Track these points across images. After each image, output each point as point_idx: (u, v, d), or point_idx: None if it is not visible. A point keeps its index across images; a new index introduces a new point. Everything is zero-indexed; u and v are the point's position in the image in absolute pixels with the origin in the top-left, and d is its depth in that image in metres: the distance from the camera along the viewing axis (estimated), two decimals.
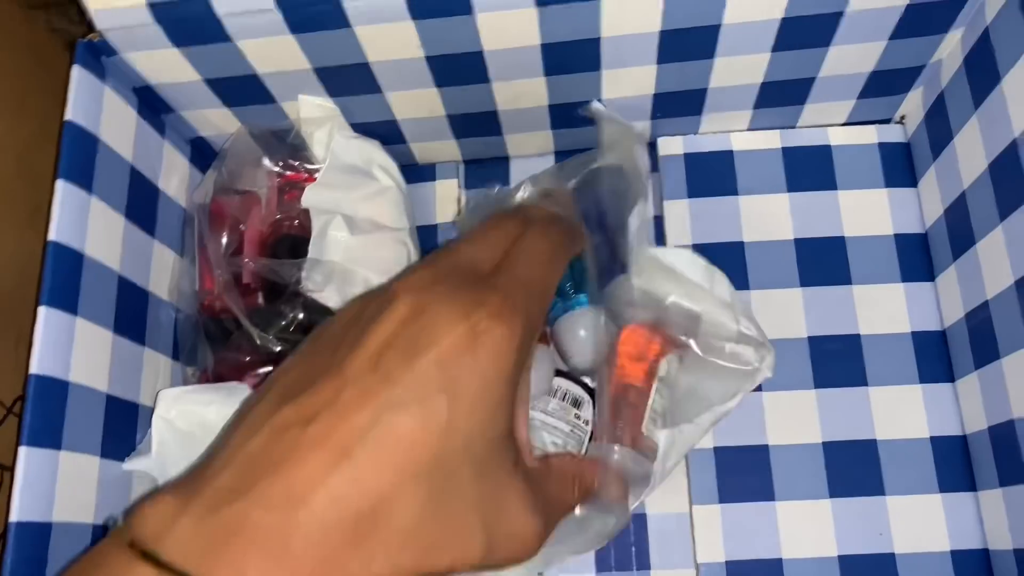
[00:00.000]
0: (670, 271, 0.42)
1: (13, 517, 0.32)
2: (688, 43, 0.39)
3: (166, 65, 0.39)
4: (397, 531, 0.23)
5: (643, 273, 0.42)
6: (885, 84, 0.44)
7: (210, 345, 0.44)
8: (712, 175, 0.47)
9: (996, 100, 0.37)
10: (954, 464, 0.43)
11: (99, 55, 0.38)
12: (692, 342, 0.42)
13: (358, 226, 0.44)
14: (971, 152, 0.40)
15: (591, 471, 0.33)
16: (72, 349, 0.36)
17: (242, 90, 0.42)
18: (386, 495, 0.23)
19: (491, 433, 0.25)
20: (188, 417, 0.39)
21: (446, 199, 0.50)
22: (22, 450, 0.33)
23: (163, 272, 0.44)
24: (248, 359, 0.42)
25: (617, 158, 0.42)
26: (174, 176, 0.45)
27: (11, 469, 0.33)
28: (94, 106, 0.38)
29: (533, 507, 0.27)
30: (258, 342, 0.40)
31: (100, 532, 0.37)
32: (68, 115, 0.36)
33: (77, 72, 0.37)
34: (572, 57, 0.39)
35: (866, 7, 0.37)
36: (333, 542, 0.23)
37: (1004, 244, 0.38)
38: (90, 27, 0.37)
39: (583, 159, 0.44)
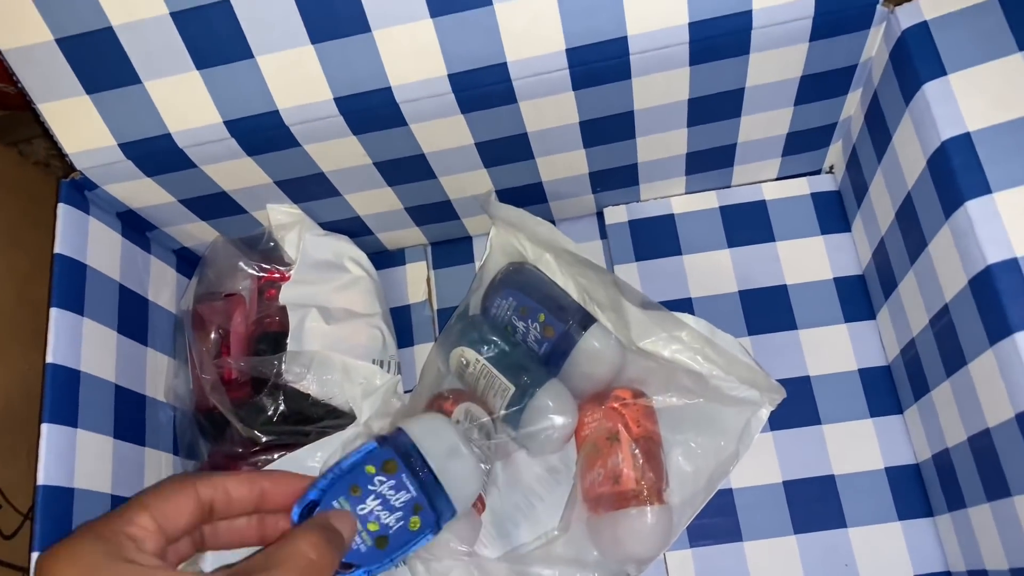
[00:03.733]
0: (671, 334, 0.45)
1: None
2: (607, 128, 0.42)
3: (142, 192, 0.43)
4: None
5: (645, 337, 0.44)
6: (805, 142, 0.47)
7: (205, 439, 0.47)
8: (657, 238, 0.51)
9: (892, 154, 0.40)
10: (910, 492, 0.45)
11: (82, 190, 0.42)
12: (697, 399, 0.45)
13: (333, 316, 0.48)
14: (882, 201, 0.43)
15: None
16: (75, 459, 0.39)
17: (214, 206, 0.46)
18: None
19: None
20: None
21: (417, 280, 0.54)
22: (34, 556, 0.37)
23: (158, 376, 0.47)
24: (240, 450, 0.46)
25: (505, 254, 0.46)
26: (163, 285, 0.49)
27: (27, 572, 0.36)
28: (80, 237, 0.42)
29: None
30: (243, 435, 0.44)
31: None
32: (57, 248, 0.41)
33: (63, 209, 0.41)
34: (506, 150, 0.43)
35: (764, 81, 0.40)
36: None
37: (917, 286, 0.40)
38: (71, 166, 0.41)
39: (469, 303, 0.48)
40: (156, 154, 0.41)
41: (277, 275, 0.48)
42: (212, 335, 0.47)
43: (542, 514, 0.46)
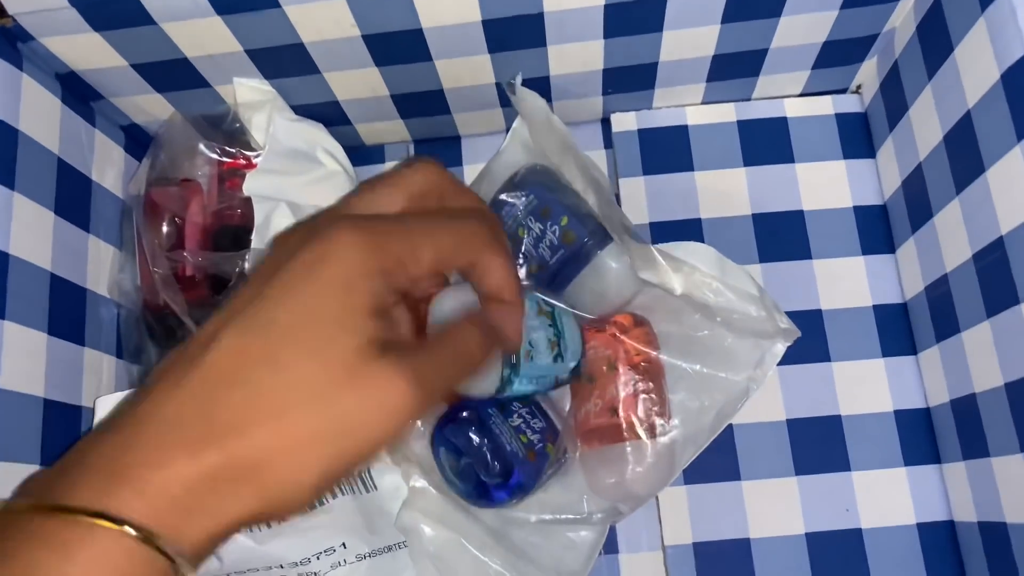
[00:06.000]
0: (681, 264, 0.40)
1: None
2: (634, 16, 0.38)
3: (88, 51, 0.37)
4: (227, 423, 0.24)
5: (652, 268, 0.39)
6: (839, 54, 0.43)
7: (154, 342, 0.43)
8: (667, 151, 0.46)
9: (949, 69, 0.36)
10: (918, 437, 0.43)
11: (14, 41, 0.36)
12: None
13: (304, 213, 0.42)
14: (926, 123, 0.39)
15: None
16: (1, 355, 0.34)
17: (172, 75, 0.40)
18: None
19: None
20: None
21: None
22: None
23: (101, 268, 0.42)
24: None
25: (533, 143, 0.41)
26: (108, 166, 0.43)
27: None
28: (12, 96, 0.36)
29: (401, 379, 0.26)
30: None
31: None
32: None
33: None
34: (515, 33, 0.38)
35: None
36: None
37: (961, 217, 0.37)
38: (2, 11, 0.35)
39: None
40: (108, 3, 0.34)
41: (242, 162, 0.43)
42: (165, 226, 0.42)
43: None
